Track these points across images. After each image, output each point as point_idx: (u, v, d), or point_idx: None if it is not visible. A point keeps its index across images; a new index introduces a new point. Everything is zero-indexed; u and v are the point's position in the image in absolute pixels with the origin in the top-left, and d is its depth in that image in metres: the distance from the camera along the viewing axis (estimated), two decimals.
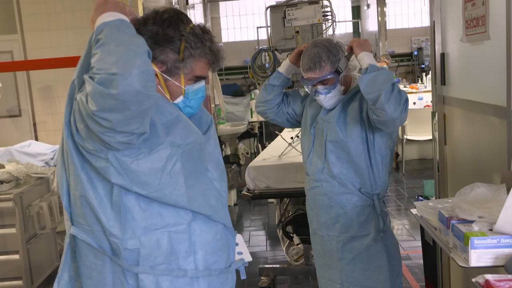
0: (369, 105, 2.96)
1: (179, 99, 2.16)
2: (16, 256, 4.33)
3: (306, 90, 3.32)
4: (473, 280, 1.94)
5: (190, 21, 2.15)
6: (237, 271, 2.28)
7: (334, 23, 5.37)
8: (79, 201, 1.99)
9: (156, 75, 2.08)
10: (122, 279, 2.00)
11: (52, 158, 6.02)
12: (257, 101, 3.55)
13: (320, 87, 3.16)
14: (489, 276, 1.89)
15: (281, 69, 3.43)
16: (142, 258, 1.99)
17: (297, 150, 4.98)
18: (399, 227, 6.95)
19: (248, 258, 2.31)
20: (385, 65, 11.43)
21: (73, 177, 1.99)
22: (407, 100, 2.95)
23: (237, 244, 2.29)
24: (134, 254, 1.98)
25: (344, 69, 3.16)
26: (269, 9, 5.36)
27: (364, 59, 3.04)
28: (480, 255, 2.04)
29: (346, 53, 3.19)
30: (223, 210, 2.19)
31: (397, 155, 10.06)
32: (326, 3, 5.29)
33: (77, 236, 2.02)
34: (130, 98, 1.70)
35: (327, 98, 3.18)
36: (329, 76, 3.12)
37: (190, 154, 2.04)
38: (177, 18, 2.12)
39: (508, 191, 2.09)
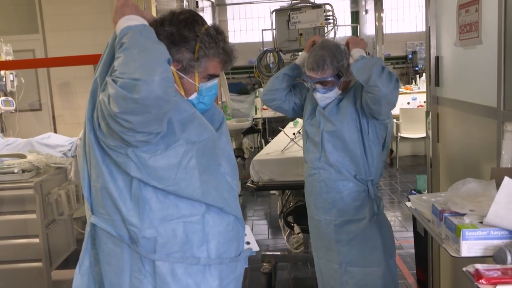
0: (364, 88, 3.01)
1: (193, 96, 2.16)
2: (36, 240, 4.34)
3: (306, 85, 3.32)
4: (464, 269, 1.94)
5: (205, 22, 2.15)
6: None
7: (336, 27, 5.38)
8: (100, 192, 2.00)
9: (172, 72, 2.08)
10: (139, 265, 2.01)
11: (69, 150, 6.03)
12: (267, 89, 3.52)
13: (319, 86, 3.17)
14: (478, 266, 1.90)
15: (298, 61, 3.43)
16: (158, 246, 2.00)
17: (298, 145, 4.98)
18: (392, 218, 6.94)
19: (255, 247, 2.32)
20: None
21: (95, 169, 1.99)
22: (397, 79, 2.99)
23: (245, 235, 2.29)
24: (151, 242, 1.99)
25: (345, 74, 3.17)
26: (274, 12, 5.38)
27: (356, 53, 3.11)
28: (470, 246, 2.04)
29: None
30: (235, 202, 2.20)
31: (391, 151, 10.07)
32: (328, 7, 5.30)
33: (97, 225, 2.03)
34: (151, 102, 1.71)
35: (324, 97, 3.20)
36: (329, 79, 3.13)
37: (204, 150, 2.05)
38: (192, 19, 2.12)
39: (497, 186, 2.09)
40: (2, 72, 7.26)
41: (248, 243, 2.31)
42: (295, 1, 5.52)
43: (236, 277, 2.21)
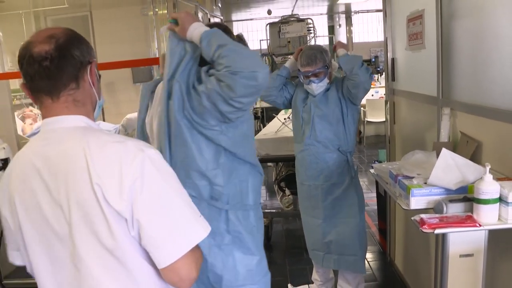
0: (347, 76, 3.10)
1: None
2: None
3: (301, 80, 3.30)
4: (412, 218, 1.97)
5: (232, 31, 2.21)
6: None
7: (315, 36, 5.39)
8: (188, 165, 1.99)
9: None
10: (216, 216, 2.05)
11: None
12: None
13: (313, 78, 3.18)
14: (423, 215, 1.93)
15: (287, 64, 3.43)
16: (230, 199, 2.05)
17: (289, 128, 4.99)
18: (361, 183, 6.94)
19: None
20: None
21: (183, 148, 1.98)
22: (371, 73, 3.12)
23: None
24: (226, 197, 2.04)
25: (330, 66, 3.20)
26: (268, 25, 5.39)
27: (341, 52, 3.22)
28: (417, 201, 2.06)
29: (334, 52, 3.30)
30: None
31: (359, 132, 10.08)
32: (310, 21, 5.32)
33: None
34: (263, 86, 1.79)
35: (318, 86, 3.19)
36: (321, 70, 3.15)
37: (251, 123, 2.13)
38: (228, 29, 2.18)
39: (437, 156, 2.11)
40: None
41: None
42: (284, 16, 5.55)
43: (262, 219, 2.26)
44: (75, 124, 1.37)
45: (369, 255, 4.48)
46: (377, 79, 12.09)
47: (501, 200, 1.84)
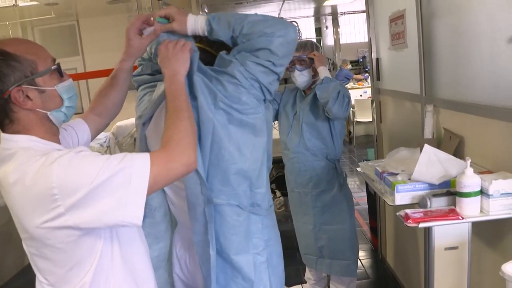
0: (322, 103, 3.02)
1: None
2: None
3: (288, 70, 3.24)
4: (397, 213, 2.00)
5: None
6: None
7: (300, 38, 5.42)
8: (227, 170, 1.74)
9: None
10: (258, 225, 1.87)
11: (104, 142, 6.05)
12: None
13: (298, 65, 3.14)
14: (407, 210, 1.96)
15: None
16: (267, 205, 1.90)
17: (277, 130, 5.01)
18: (352, 183, 6.99)
19: None
20: (349, 66, 11.55)
21: (218, 151, 1.71)
22: (348, 102, 2.98)
23: None
24: (268, 200, 1.91)
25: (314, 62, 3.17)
26: None
27: (322, 72, 3.06)
28: (402, 196, 2.09)
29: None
30: None
31: (349, 132, 10.13)
32: (294, 23, 5.35)
33: (222, 203, 1.75)
34: (296, 41, 1.73)
35: (301, 75, 3.14)
36: (305, 57, 3.12)
37: None
38: None
39: (421, 152, 2.14)
40: None
41: None
42: None
43: None
44: (18, 145, 1.36)
45: (361, 254, 4.51)
46: (365, 80, 12.15)
47: (482, 192, 1.88)
